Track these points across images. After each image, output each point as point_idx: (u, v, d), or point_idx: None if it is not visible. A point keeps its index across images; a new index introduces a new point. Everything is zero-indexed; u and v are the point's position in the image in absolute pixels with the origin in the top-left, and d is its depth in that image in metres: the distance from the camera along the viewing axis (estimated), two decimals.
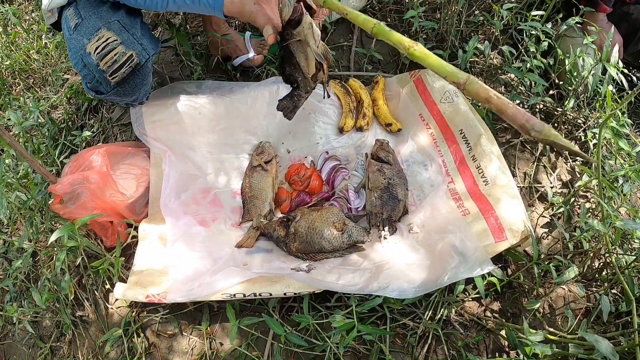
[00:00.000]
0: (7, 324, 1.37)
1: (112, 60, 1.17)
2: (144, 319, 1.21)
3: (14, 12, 2.14)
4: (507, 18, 1.46)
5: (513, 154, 1.44)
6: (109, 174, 1.31)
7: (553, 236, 1.30)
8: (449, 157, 1.37)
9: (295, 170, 1.43)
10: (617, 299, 1.17)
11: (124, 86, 1.22)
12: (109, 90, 1.22)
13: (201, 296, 1.10)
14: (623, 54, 1.70)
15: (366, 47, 1.69)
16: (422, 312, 1.14)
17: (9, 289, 1.36)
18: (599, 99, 1.45)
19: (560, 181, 1.43)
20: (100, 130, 1.64)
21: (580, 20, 1.48)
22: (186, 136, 1.41)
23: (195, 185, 1.37)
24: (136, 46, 1.20)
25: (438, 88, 1.43)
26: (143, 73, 1.24)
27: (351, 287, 1.09)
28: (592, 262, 1.19)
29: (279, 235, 1.25)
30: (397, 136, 1.51)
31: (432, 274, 1.11)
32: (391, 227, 1.27)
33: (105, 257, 1.24)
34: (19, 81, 2.06)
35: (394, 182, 1.32)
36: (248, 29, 1.74)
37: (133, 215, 1.33)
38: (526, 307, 1.11)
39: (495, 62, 1.60)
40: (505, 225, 1.15)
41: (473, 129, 1.34)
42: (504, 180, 1.24)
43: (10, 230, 1.52)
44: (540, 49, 1.43)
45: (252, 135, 1.48)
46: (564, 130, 1.48)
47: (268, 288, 1.10)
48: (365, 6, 1.75)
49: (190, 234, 1.25)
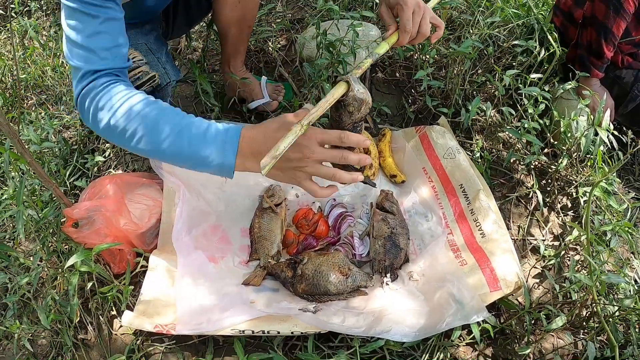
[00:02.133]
0: (3, 339, 1.37)
1: (136, 76, 1.23)
2: (148, 347, 1.23)
3: (34, 27, 2.17)
4: (508, 82, 1.55)
5: (508, 208, 1.53)
6: (124, 203, 1.36)
7: (544, 286, 1.38)
8: (448, 210, 1.45)
9: (303, 214, 1.48)
10: (602, 345, 1.25)
11: None
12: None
13: (210, 331, 1.14)
14: (615, 115, 1.81)
15: (375, 100, 1.77)
16: (420, 355, 1.19)
17: (12, 306, 1.38)
18: (591, 158, 1.54)
19: (552, 235, 1.51)
20: (111, 157, 1.69)
21: (575, 84, 1.59)
22: (200, 174, 1.45)
23: (206, 221, 1.41)
24: (160, 69, 1.26)
25: (441, 144, 1.52)
26: (161, 96, 1.29)
27: (356, 330, 1.14)
28: (580, 312, 1.26)
29: (286, 276, 1.29)
30: (401, 187, 1.58)
31: (431, 319, 1.17)
32: (393, 274, 1.32)
33: (113, 283, 1.27)
34: (31, 95, 2.09)
35: (396, 231, 1.38)
36: (264, 72, 1.82)
37: (143, 245, 1.37)
38: (518, 352, 1.18)
39: (495, 120, 1.70)
40: (499, 276, 1.22)
41: (472, 184, 1.43)
42: (500, 234, 1.32)
43: (14, 244, 1.53)
44: (537, 111, 1.53)
45: (262, 178, 1.52)
46: (557, 187, 1.57)
47: (276, 326, 1.15)
48: (377, 61, 1.84)
49: (199, 269, 1.29)
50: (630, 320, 1.19)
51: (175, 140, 0.94)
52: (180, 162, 0.98)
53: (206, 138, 0.94)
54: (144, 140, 0.96)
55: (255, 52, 2.00)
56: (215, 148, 0.94)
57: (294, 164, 0.93)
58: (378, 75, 1.85)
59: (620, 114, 1.86)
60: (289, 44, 2.05)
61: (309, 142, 0.90)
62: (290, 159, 0.92)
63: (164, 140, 0.95)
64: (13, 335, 1.30)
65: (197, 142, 0.94)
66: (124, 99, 0.97)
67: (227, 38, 1.55)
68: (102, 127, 0.99)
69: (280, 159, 0.85)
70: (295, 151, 0.90)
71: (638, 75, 1.77)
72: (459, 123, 1.66)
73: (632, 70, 1.79)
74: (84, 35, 0.98)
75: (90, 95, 0.99)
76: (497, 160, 1.63)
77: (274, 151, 0.82)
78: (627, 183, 1.93)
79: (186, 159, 0.96)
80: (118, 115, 0.96)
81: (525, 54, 1.76)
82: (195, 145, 0.94)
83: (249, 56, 1.97)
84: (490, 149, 1.65)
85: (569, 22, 1.81)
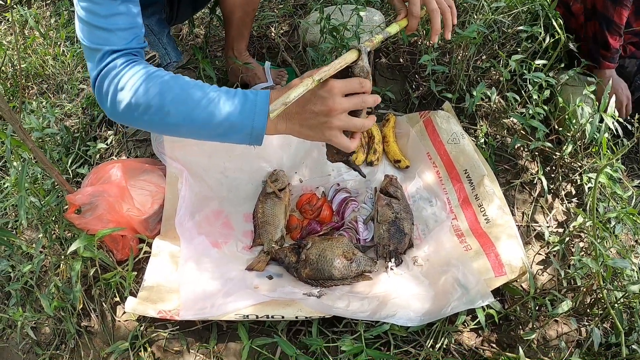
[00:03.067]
0: (7, 328, 1.37)
1: None
2: (151, 333, 1.23)
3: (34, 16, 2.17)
4: (514, 67, 1.54)
5: (512, 195, 1.52)
6: (127, 188, 1.35)
7: (548, 272, 1.37)
8: (453, 195, 1.44)
9: (306, 199, 1.48)
10: (607, 331, 1.24)
11: None
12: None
13: (214, 316, 1.14)
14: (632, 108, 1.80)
15: (379, 86, 1.76)
16: (424, 340, 1.19)
17: (15, 294, 1.38)
18: (596, 145, 1.53)
19: (556, 221, 1.50)
20: (114, 144, 1.68)
21: (580, 71, 1.57)
22: (203, 158, 1.45)
23: (209, 206, 1.41)
24: (160, 49, 1.24)
25: (446, 129, 1.51)
26: None
27: (360, 314, 1.14)
28: (585, 298, 1.26)
29: (290, 261, 1.29)
30: (405, 173, 1.58)
31: (436, 304, 1.17)
32: (397, 259, 1.32)
33: (116, 269, 1.27)
34: (32, 85, 2.09)
35: (401, 216, 1.38)
36: (267, 58, 1.81)
37: (146, 231, 1.37)
38: (522, 337, 1.17)
39: (500, 107, 1.69)
40: (504, 261, 1.21)
41: (477, 170, 1.42)
42: (504, 219, 1.31)
43: (17, 233, 1.53)
44: (542, 97, 1.52)
45: (266, 163, 1.53)
46: (561, 173, 1.56)
47: (281, 311, 1.14)
48: (380, 47, 1.83)
49: (202, 254, 1.28)
50: (635, 307, 1.19)
51: (207, 108, 0.93)
52: (209, 130, 0.96)
53: (236, 102, 0.93)
54: (173, 112, 0.94)
55: (258, 38, 1.99)
56: (246, 112, 0.93)
57: (322, 119, 0.92)
58: (382, 61, 1.84)
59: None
60: (292, 30, 2.04)
61: (331, 94, 0.90)
62: (317, 114, 0.91)
63: (193, 109, 0.93)
64: (16, 324, 1.30)
65: (228, 107, 0.93)
66: (146, 76, 0.95)
67: (231, 22, 1.54)
68: (123, 107, 0.96)
69: (311, 117, 0.90)
70: (321, 104, 0.90)
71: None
72: (463, 109, 1.65)
73: (636, 59, 1.78)
74: (102, 16, 0.96)
75: (110, 75, 0.97)
76: (501, 146, 1.62)
77: (284, 98, 0.82)
78: (631, 171, 1.92)
79: (216, 127, 0.94)
80: (141, 92, 0.94)
81: (530, 40, 1.74)
82: (226, 110, 0.93)
83: (252, 42, 1.96)
84: (494, 134, 1.64)
85: (569, 14, 1.80)
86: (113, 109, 0.98)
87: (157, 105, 0.94)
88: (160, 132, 1.08)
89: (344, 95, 0.91)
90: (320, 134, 0.94)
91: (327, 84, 0.90)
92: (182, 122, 0.95)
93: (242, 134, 0.95)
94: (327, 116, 0.91)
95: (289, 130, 0.96)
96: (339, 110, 0.90)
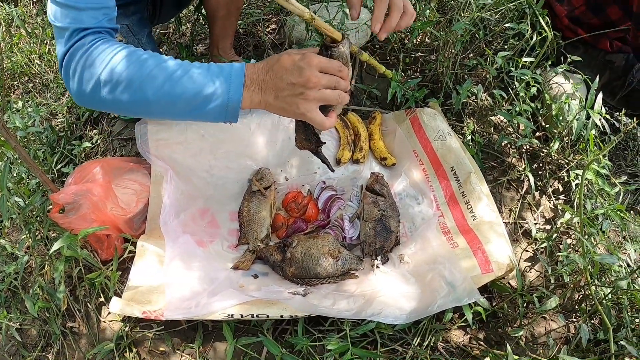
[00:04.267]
0: None
1: None
2: (137, 334, 1.22)
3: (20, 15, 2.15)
4: (500, 64, 1.54)
5: (500, 192, 1.52)
6: (111, 187, 1.34)
7: (536, 270, 1.37)
8: (439, 193, 1.43)
9: (292, 197, 1.47)
10: (595, 328, 1.24)
11: None
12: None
13: (199, 315, 1.13)
14: (612, 101, 1.81)
15: (365, 83, 1.76)
16: (411, 338, 1.18)
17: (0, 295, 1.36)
18: (583, 142, 1.54)
19: (544, 218, 1.50)
20: (99, 143, 1.67)
21: (567, 67, 1.57)
22: (188, 157, 1.44)
23: (194, 205, 1.40)
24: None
25: (432, 127, 1.51)
26: None
27: (346, 313, 1.13)
28: (573, 294, 1.26)
29: (275, 259, 1.28)
30: (392, 170, 1.57)
31: (423, 302, 1.16)
32: (383, 257, 1.31)
33: (101, 269, 1.26)
34: (18, 84, 2.07)
35: (387, 214, 1.37)
36: (253, 56, 1.80)
37: (131, 230, 1.35)
38: (510, 334, 1.17)
39: (487, 104, 1.69)
40: (491, 259, 1.21)
41: (463, 167, 1.41)
42: (491, 216, 1.31)
43: (1, 233, 1.51)
44: (529, 94, 1.52)
45: (252, 161, 1.52)
46: (549, 170, 1.56)
47: (266, 310, 1.13)
48: (367, 43, 1.83)
49: (188, 253, 1.27)
50: (623, 302, 1.19)
51: (180, 81, 0.90)
52: (183, 105, 0.92)
53: (210, 73, 0.90)
54: (144, 87, 0.90)
55: (245, 36, 1.98)
56: (220, 83, 0.90)
57: (298, 90, 0.90)
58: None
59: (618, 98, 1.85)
60: (278, 27, 2.03)
61: (309, 67, 0.88)
62: (293, 85, 0.89)
63: (165, 82, 0.90)
64: (1, 326, 1.28)
65: (202, 79, 0.90)
66: (115, 52, 0.92)
67: (215, 20, 1.52)
68: (91, 86, 0.92)
69: (287, 88, 0.89)
70: (298, 75, 0.89)
71: (629, 60, 1.76)
72: (449, 106, 1.65)
73: (623, 54, 1.78)
74: None
75: (78, 54, 0.93)
76: (488, 143, 1.62)
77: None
78: (618, 168, 1.93)
79: (190, 100, 0.91)
80: (110, 68, 0.90)
81: (517, 38, 1.74)
82: (199, 82, 0.90)
83: (238, 40, 1.94)
84: (481, 132, 1.64)
85: (553, 15, 1.81)
86: (80, 88, 0.95)
87: (127, 80, 0.90)
88: (129, 112, 1.01)
89: (320, 72, 0.90)
90: (295, 107, 0.92)
91: (307, 57, 0.89)
92: (154, 98, 0.91)
93: (217, 106, 0.91)
94: (303, 87, 0.89)
95: (263, 103, 0.93)
96: (316, 83, 0.89)
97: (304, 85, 0.89)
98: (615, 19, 1.72)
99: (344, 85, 0.94)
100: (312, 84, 0.89)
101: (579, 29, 1.77)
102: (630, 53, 1.76)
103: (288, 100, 0.91)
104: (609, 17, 1.71)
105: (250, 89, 0.91)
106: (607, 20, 1.73)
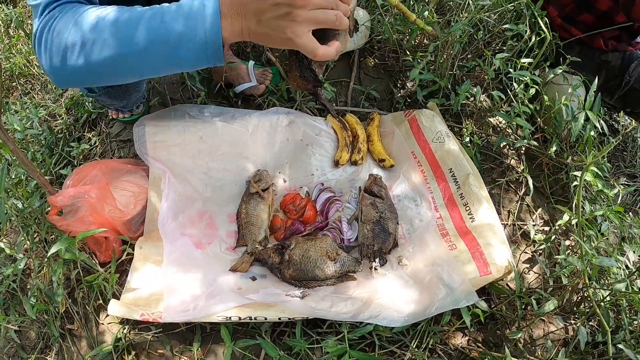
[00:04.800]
0: None
1: None
2: (135, 336, 1.22)
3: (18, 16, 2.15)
4: (498, 65, 1.54)
5: (498, 193, 1.52)
6: (109, 189, 1.34)
7: (534, 272, 1.37)
8: (438, 194, 1.43)
9: (290, 199, 1.47)
10: (593, 330, 1.25)
11: (114, 87, 1.23)
12: (99, 89, 1.22)
13: (197, 318, 1.13)
14: (610, 100, 1.80)
15: (364, 85, 1.75)
16: (409, 341, 1.18)
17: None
18: (581, 143, 1.53)
19: (542, 220, 1.50)
20: (97, 145, 1.67)
21: (566, 69, 1.57)
22: (186, 159, 1.44)
23: (192, 207, 1.40)
24: None
25: (431, 128, 1.51)
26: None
27: (344, 315, 1.13)
28: (571, 296, 1.26)
29: (273, 261, 1.28)
30: (390, 172, 1.57)
31: (421, 304, 1.16)
32: (382, 259, 1.31)
33: (99, 272, 1.26)
34: (17, 85, 2.07)
35: (385, 216, 1.37)
36: (251, 57, 1.80)
37: (129, 232, 1.35)
38: (508, 336, 1.17)
39: (485, 105, 1.69)
40: (489, 261, 1.21)
41: (462, 169, 1.41)
42: (490, 218, 1.31)
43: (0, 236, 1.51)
44: (528, 95, 1.52)
45: (250, 163, 1.51)
46: (547, 172, 1.56)
47: (264, 312, 1.13)
48: (366, 44, 1.82)
49: (186, 255, 1.27)
50: (621, 305, 1.19)
51: (148, 25, 0.81)
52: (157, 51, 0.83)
53: (180, 11, 0.81)
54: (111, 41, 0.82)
55: None
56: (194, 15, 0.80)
57: (282, 10, 0.77)
58: (367, 60, 1.83)
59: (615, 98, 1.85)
60: None
61: None
62: (277, 4, 0.77)
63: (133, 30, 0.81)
64: (0, 328, 1.28)
65: (171, 17, 0.80)
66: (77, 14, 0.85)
67: None
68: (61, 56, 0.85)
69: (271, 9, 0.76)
70: None
71: (625, 58, 1.75)
72: (448, 107, 1.64)
73: (618, 52, 1.77)
74: None
75: (47, 27, 0.86)
76: (487, 145, 1.62)
77: None
78: (617, 169, 1.93)
79: (163, 43, 0.81)
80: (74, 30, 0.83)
81: (516, 39, 1.74)
82: (171, 19, 0.80)
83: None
84: (480, 133, 1.64)
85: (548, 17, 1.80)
86: (50, 62, 0.87)
87: (92, 38, 0.82)
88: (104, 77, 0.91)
89: None
90: (281, 32, 0.79)
91: None
92: (124, 51, 0.83)
93: (195, 45, 0.81)
94: (289, 6, 0.76)
95: (246, 31, 0.81)
96: (305, 0, 0.76)
97: (290, 3, 0.76)
98: (606, 8, 1.70)
99: (344, 8, 0.82)
100: (300, 2, 0.76)
101: (572, 28, 1.76)
102: (626, 52, 1.75)
103: (272, 23, 0.78)
104: (599, 9, 1.70)
105: (229, 16, 0.79)
106: (598, 13, 1.71)
